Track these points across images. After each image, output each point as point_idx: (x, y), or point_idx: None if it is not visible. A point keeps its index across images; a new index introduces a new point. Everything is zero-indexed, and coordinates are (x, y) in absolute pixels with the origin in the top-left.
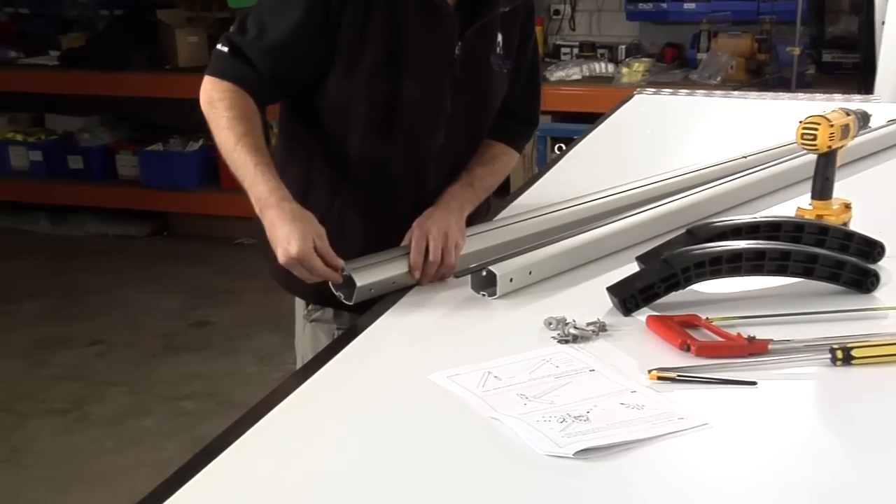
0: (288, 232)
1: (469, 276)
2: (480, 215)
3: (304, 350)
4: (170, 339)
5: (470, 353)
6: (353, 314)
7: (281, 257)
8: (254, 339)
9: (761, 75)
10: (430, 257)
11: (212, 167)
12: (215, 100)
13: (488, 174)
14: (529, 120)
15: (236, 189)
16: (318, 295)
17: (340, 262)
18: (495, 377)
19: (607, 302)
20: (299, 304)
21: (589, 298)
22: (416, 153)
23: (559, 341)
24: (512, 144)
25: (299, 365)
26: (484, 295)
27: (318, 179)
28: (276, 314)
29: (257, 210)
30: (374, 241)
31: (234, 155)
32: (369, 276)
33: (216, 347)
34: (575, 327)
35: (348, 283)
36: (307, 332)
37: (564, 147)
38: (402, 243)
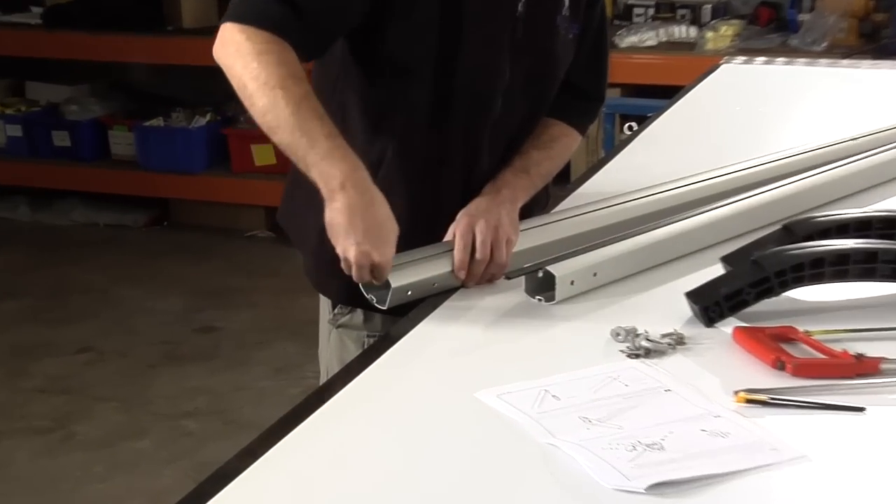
0: (356, 233)
1: (523, 278)
2: (538, 207)
3: (329, 361)
4: (170, 348)
5: (523, 368)
6: (387, 319)
7: (338, 249)
8: (268, 348)
9: (877, 40)
10: (478, 255)
11: (221, 146)
12: (254, 53)
13: (546, 158)
14: (595, 95)
15: (249, 173)
16: (351, 295)
17: (385, 277)
18: (553, 396)
19: (686, 310)
20: (324, 305)
21: (664, 306)
22: (470, 125)
23: (629, 355)
24: (574, 124)
25: (323, 379)
26: (540, 300)
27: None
28: (295, 319)
29: (325, 190)
30: (414, 232)
31: (292, 122)
32: (406, 275)
33: (224, 357)
34: (647, 339)
35: (381, 284)
36: (333, 340)
37: (636, 126)
38: (446, 237)
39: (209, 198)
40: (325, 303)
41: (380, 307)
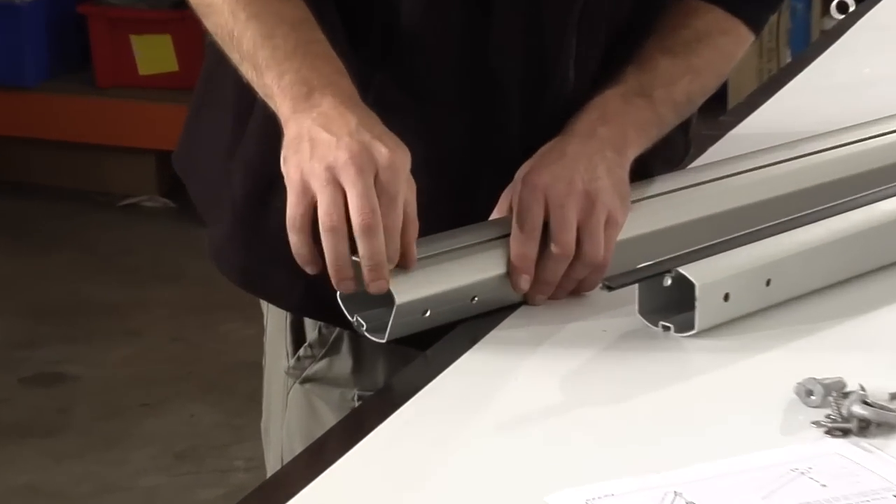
0: (337, 161)
1: (634, 290)
2: (664, 158)
3: (287, 442)
4: None
5: (633, 452)
6: (393, 361)
7: (295, 209)
8: (161, 413)
9: None
10: (554, 247)
11: (75, 39)
12: None
13: (685, 71)
14: None
15: (127, 88)
16: (326, 308)
17: (413, 259)
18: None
19: None
20: (274, 334)
21: (892, 343)
22: (539, 11)
23: (828, 431)
24: (741, 12)
25: (273, 471)
26: (667, 328)
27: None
28: (214, 360)
29: (284, 115)
30: (432, 205)
31: (260, 34)
32: (421, 283)
33: (78, 430)
34: (863, 403)
35: (376, 298)
36: (294, 405)
37: (852, 7)
38: (496, 213)
39: (52, 136)
40: (276, 330)
41: (375, 338)
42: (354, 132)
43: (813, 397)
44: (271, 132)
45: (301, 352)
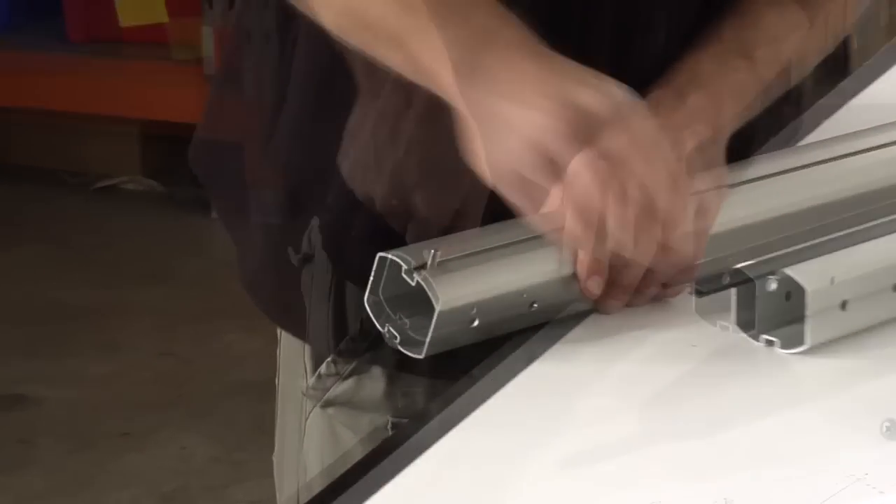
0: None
1: (732, 296)
2: (776, 130)
3: (301, 475)
4: None
5: (726, 482)
6: (428, 382)
7: (576, 225)
8: (145, 443)
9: None
10: (628, 249)
11: None
12: None
13: (796, 27)
14: None
15: (103, 44)
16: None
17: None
18: None
19: None
20: (290, 349)
21: None
22: None
23: (886, 430)
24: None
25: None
26: (770, 343)
27: None
28: (210, 377)
29: (456, 80)
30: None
31: None
32: (468, 286)
33: (43, 465)
34: None
35: (414, 302)
36: (314, 430)
37: None
38: (546, 206)
39: (13, 102)
40: (292, 342)
41: (410, 352)
42: None
43: None
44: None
45: (323, 369)
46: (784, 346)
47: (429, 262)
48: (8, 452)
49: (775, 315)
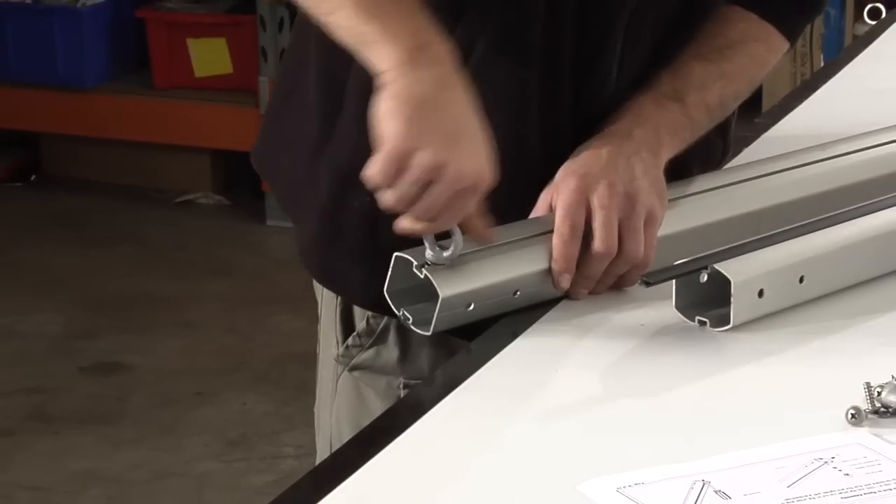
0: (424, 131)
1: (671, 286)
2: (703, 159)
3: (335, 428)
4: (39, 400)
5: (664, 442)
6: (440, 353)
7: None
8: (215, 402)
9: None
10: (597, 245)
11: (133, 42)
12: None
13: (716, 77)
14: None
15: (183, 90)
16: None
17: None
18: (717, 492)
19: None
20: (327, 324)
21: None
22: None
23: (851, 418)
24: (778, 22)
25: (322, 454)
26: (703, 323)
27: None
28: (263, 352)
29: (380, 69)
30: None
31: None
32: (465, 277)
33: (134, 419)
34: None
35: (422, 292)
36: (343, 391)
37: (884, 14)
38: (536, 210)
39: (111, 134)
40: (328, 319)
41: (420, 330)
42: None
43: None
44: (362, 132)
45: (350, 341)
46: (713, 326)
47: (431, 261)
48: (107, 408)
49: (707, 301)
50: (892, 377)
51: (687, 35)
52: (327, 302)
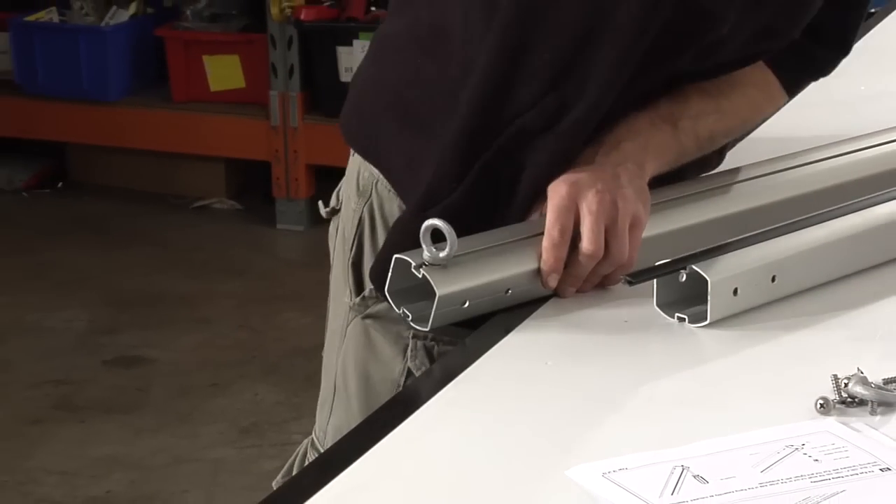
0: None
1: (652, 285)
2: (701, 172)
3: (339, 365)
4: (65, 391)
5: (647, 431)
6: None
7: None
8: (228, 393)
9: None
10: (585, 246)
11: (153, 59)
12: None
13: (713, 111)
14: (835, 40)
15: (200, 103)
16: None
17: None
18: (695, 477)
19: None
20: (338, 276)
21: (888, 331)
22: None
23: (820, 407)
24: (782, 74)
25: (326, 394)
26: (681, 319)
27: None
28: (275, 346)
29: None
30: (472, 209)
31: None
32: (461, 277)
33: (154, 408)
34: (866, 384)
35: (420, 290)
36: (353, 334)
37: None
38: (531, 215)
39: (133, 144)
40: (340, 271)
41: (418, 327)
42: None
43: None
44: None
45: (366, 292)
46: (691, 322)
47: (428, 262)
48: (129, 398)
49: (685, 299)
50: (858, 370)
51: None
52: (339, 255)
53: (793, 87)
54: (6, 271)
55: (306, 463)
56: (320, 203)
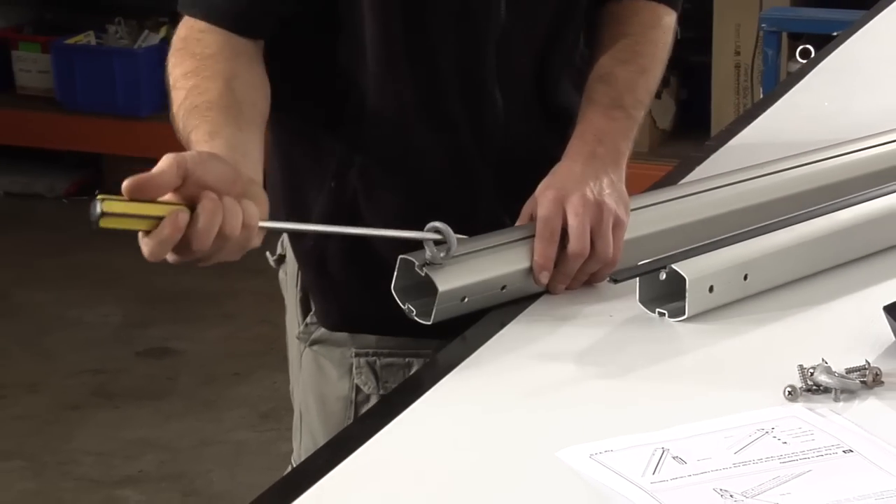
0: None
1: (635, 283)
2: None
3: (300, 395)
4: (102, 379)
5: (631, 415)
6: (419, 339)
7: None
8: (249, 381)
9: None
10: (572, 246)
11: None
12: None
13: (639, 74)
14: None
15: None
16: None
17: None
18: (675, 458)
19: (885, 333)
20: (290, 311)
21: (850, 326)
22: (462, 52)
23: (788, 394)
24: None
25: (296, 426)
26: (661, 314)
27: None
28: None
29: None
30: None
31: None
32: (461, 275)
33: (182, 395)
34: (830, 373)
35: (423, 288)
36: (306, 363)
37: (814, 53)
38: (520, 220)
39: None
40: (291, 306)
41: (422, 320)
42: None
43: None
44: None
45: (308, 319)
46: (671, 317)
47: (430, 261)
48: (159, 386)
49: (665, 295)
50: (823, 360)
51: (563, 48)
52: (289, 289)
53: (674, 3)
54: (49, 271)
55: None
56: (268, 253)
